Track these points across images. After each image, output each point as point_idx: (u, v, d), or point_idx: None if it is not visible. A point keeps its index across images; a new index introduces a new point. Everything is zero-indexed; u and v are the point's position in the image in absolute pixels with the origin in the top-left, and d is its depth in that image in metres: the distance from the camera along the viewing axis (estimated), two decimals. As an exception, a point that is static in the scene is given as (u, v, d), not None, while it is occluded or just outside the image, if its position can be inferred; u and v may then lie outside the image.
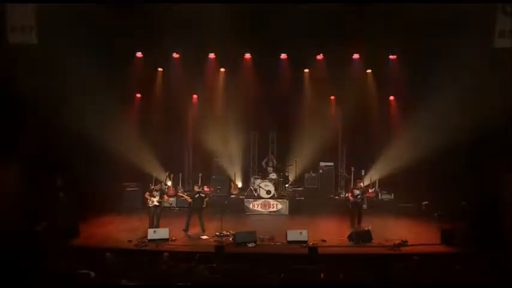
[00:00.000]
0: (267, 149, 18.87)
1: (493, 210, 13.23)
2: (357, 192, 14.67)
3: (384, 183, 17.69)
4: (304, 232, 13.06)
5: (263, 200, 16.74)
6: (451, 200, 15.01)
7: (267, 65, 17.32)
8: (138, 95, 18.16)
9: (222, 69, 18.08)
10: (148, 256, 11.50)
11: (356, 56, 16.94)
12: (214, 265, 10.27)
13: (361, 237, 12.99)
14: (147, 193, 13.86)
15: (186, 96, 18.34)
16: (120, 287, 8.62)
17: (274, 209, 16.67)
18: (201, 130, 18.53)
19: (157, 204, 13.78)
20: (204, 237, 13.51)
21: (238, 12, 13.79)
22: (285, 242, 12.90)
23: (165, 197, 14.36)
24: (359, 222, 14.56)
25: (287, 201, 16.80)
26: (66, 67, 13.90)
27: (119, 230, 14.09)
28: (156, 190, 13.84)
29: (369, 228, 13.40)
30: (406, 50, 15.66)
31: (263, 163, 18.14)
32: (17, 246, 11.58)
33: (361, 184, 15.01)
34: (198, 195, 14.15)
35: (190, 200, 14.06)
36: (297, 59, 17.14)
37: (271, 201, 16.71)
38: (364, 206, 16.91)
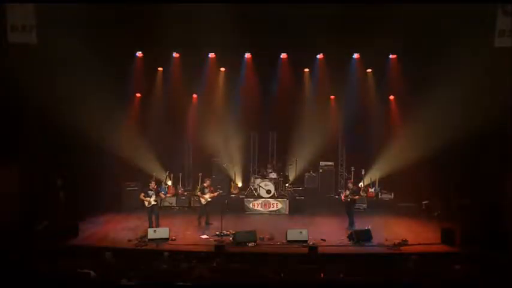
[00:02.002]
0: (267, 148, 18.89)
1: (493, 210, 13.24)
2: (347, 192, 14.65)
3: (384, 183, 17.71)
4: (304, 231, 13.07)
5: (263, 199, 16.75)
6: (451, 200, 15.01)
7: (267, 64, 17.31)
8: (138, 95, 18.16)
9: (222, 69, 18.08)
10: (148, 255, 11.50)
11: (356, 55, 16.94)
12: (214, 264, 10.27)
13: (361, 236, 12.99)
14: (142, 194, 13.83)
15: (186, 96, 18.34)
16: (120, 286, 8.62)
17: (274, 209, 16.68)
18: (201, 130, 18.53)
19: (155, 203, 13.77)
20: (204, 236, 13.51)
21: (238, 12, 13.79)
22: (285, 241, 12.91)
23: (161, 195, 14.35)
24: (350, 224, 14.43)
25: (287, 200, 16.81)
26: (66, 67, 13.90)
27: (119, 230, 14.10)
28: (151, 190, 13.82)
29: (369, 227, 13.40)
30: (406, 49, 15.64)
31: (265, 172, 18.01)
32: (17, 246, 11.59)
33: (350, 185, 14.93)
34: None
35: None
36: (297, 58, 17.14)
37: (271, 201, 16.73)
38: (364, 206, 17.01)
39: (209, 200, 14.79)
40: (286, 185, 17.96)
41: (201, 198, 14.83)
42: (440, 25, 13.92)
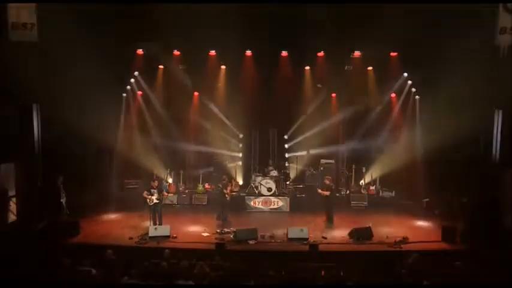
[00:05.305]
0: (268, 146, 18.91)
1: (493, 208, 13.24)
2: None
3: (385, 181, 17.70)
4: (305, 229, 13.10)
5: (264, 197, 16.75)
6: (451, 197, 15.00)
7: (267, 62, 17.29)
8: (139, 93, 18.17)
9: (223, 67, 18.07)
10: (149, 253, 11.51)
11: (357, 53, 16.91)
12: (215, 262, 10.28)
13: (362, 234, 13.01)
14: (145, 192, 13.85)
15: (187, 94, 18.35)
16: (121, 284, 8.63)
17: (275, 206, 16.68)
18: (202, 127, 18.57)
19: (157, 201, 13.78)
20: (205, 234, 13.53)
21: (239, 10, 13.77)
22: (286, 239, 12.93)
23: (165, 193, 14.38)
24: (329, 220, 14.64)
25: (288, 198, 16.81)
26: (67, 65, 13.90)
27: (120, 227, 14.12)
28: (153, 188, 13.83)
29: (370, 225, 13.42)
30: (407, 47, 15.62)
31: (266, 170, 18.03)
32: (18, 244, 11.62)
33: (327, 181, 14.98)
34: None
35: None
36: (298, 56, 17.12)
37: (272, 199, 16.73)
38: (365, 204, 17.02)
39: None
40: (287, 182, 17.97)
41: (226, 195, 15.01)
42: (440, 23, 13.91)
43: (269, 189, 16.84)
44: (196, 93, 18.59)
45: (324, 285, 9.02)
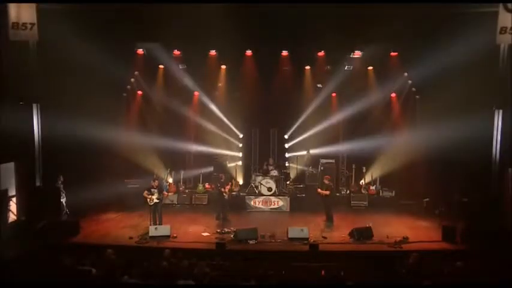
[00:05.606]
0: (268, 145, 18.92)
1: (493, 208, 13.23)
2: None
3: (385, 180, 17.70)
4: (305, 229, 13.10)
5: (264, 197, 16.75)
6: (452, 197, 15.00)
7: (268, 62, 17.30)
8: (139, 92, 18.17)
9: (223, 67, 18.08)
10: (149, 253, 11.51)
11: (357, 53, 16.91)
12: (215, 262, 10.28)
13: (362, 234, 13.00)
14: (145, 192, 13.83)
15: (187, 93, 18.36)
16: (121, 284, 8.62)
17: (275, 206, 16.67)
18: (202, 127, 18.57)
19: (158, 201, 13.78)
20: (206, 234, 13.53)
21: (239, 10, 13.78)
22: (286, 239, 12.92)
23: (165, 193, 14.38)
24: (328, 219, 14.68)
25: (288, 198, 16.81)
26: (67, 65, 13.90)
27: (120, 227, 14.12)
28: (154, 187, 13.82)
29: (370, 225, 13.42)
30: (407, 47, 15.62)
31: (264, 166, 18.05)
32: (18, 244, 11.63)
33: (326, 181, 15.00)
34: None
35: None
36: (298, 56, 17.13)
37: (272, 198, 16.73)
38: (365, 203, 17.02)
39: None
40: (287, 182, 17.98)
41: (224, 193, 15.05)
42: (441, 21, 13.91)
43: (269, 189, 16.84)
44: (196, 93, 18.61)
45: (324, 285, 9.02)
